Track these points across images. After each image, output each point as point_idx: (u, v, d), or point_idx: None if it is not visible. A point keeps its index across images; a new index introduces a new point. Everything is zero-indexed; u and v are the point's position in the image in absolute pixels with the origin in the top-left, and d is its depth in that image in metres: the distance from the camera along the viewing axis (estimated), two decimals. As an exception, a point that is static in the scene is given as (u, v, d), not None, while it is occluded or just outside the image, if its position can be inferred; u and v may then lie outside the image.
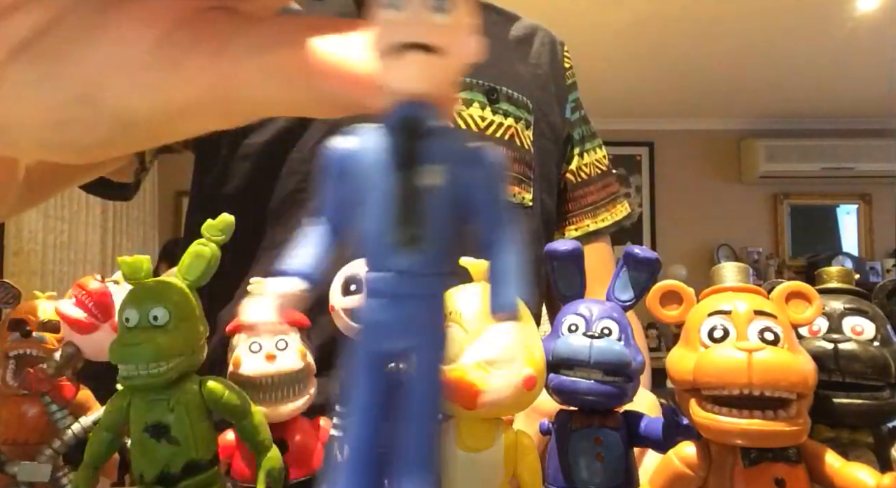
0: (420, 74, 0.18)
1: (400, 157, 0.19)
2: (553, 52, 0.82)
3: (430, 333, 0.20)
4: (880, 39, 2.87)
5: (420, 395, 0.20)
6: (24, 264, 2.64)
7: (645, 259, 0.37)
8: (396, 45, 0.17)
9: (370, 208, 0.19)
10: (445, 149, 0.19)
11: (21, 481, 0.41)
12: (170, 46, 0.19)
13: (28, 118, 0.20)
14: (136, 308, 0.36)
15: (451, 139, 0.19)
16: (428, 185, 0.19)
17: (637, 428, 0.37)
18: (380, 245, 0.19)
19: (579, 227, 0.81)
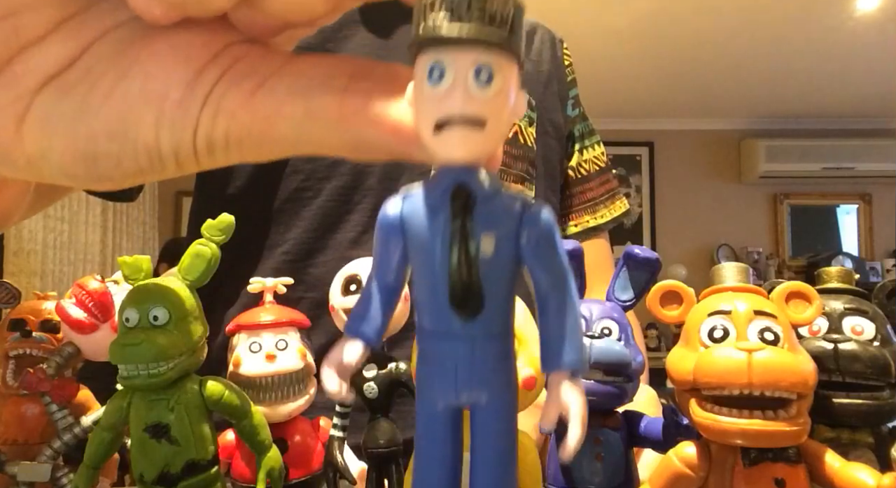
0: (465, 147, 0.18)
1: (452, 229, 0.19)
2: (553, 49, 0.83)
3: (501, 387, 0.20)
4: (880, 39, 2.87)
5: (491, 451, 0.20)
6: (24, 264, 2.64)
7: (645, 259, 0.37)
8: (440, 120, 0.17)
9: (424, 275, 0.20)
10: (496, 215, 0.19)
11: (21, 481, 0.41)
12: (204, 83, 0.19)
13: (55, 150, 0.19)
14: (136, 308, 0.36)
15: (500, 203, 0.19)
16: (482, 254, 0.19)
17: (637, 428, 0.37)
18: (436, 311, 0.19)
19: (579, 223, 0.82)
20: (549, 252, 0.20)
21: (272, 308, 0.42)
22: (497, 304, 0.19)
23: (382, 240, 0.20)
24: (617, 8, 2.60)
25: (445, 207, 0.19)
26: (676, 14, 2.69)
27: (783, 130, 3.88)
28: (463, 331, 0.19)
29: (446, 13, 0.17)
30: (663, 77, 3.34)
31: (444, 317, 0.19)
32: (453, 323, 0.19)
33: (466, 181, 0.19)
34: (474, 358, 0.19)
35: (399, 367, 0.38)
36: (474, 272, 0.19)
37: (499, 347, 0.20)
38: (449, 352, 0.20)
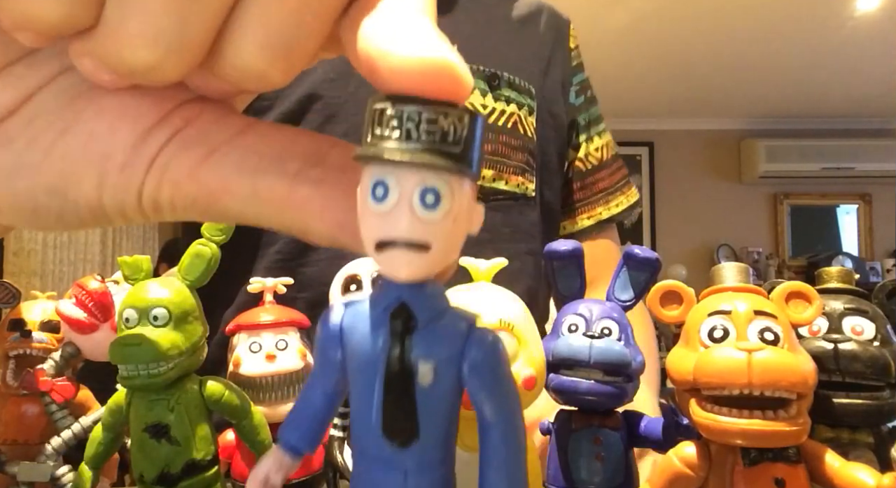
0: (408, 269, 0.17)
1: (390, 354, 0.18)
2: (558, 31, 0.80)
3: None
4: (880, 39, 2.87)
5: None
6: (24, 264, 2.64)
7: (645, 259, 0.37)
8: (382, 240, 0.16)
9: (360, 396, 0.18)
10: (438, 338, 0.18)
11: (21, 481, 0.41)
12: (151, 147, 0.18)
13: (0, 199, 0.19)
14: (136, 308, 0.36)
15: (444, 325, 0.18)
16: (420, 384, 0.18)
17: (637, 428, 0.37)
18: (369, 435, 0.18)
19: (592, 216, 0.79)
20: (494, 378, 0.18)
21: (272, 308, 0.43)
22: (435, 433, 0.18)
23: (322, 348, 0.19)
24: (617, 8, 2.60)
25: (385, 326, 0.18)
26: (676, 14, 2.69)
27: (783, 130, 3.88)
28: (396, 460, 0.18)
29: (393, 130, 0.16)
30: (663, 77, 3.34)
31: (377, 441, 0.18)
32: (386, 449, 0.18)
33: (408, 300, 0.18)
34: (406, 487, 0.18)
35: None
36: (409, 399, 0.18)
37: (436, 477, 0.19)
38: (380, 482, 0.18)
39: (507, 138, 0.70)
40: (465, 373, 0.18)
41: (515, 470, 0.19)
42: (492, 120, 0.69)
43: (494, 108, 0.70)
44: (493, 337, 0.18)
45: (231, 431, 0.40)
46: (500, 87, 0.71)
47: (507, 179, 0.70)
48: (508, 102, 0.71)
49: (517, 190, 0.71)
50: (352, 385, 0.19)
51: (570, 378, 0.35)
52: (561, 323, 0.37)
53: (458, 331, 0.18)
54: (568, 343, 0.35)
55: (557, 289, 0.38)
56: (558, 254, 0.38)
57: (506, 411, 0.19)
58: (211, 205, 0.18)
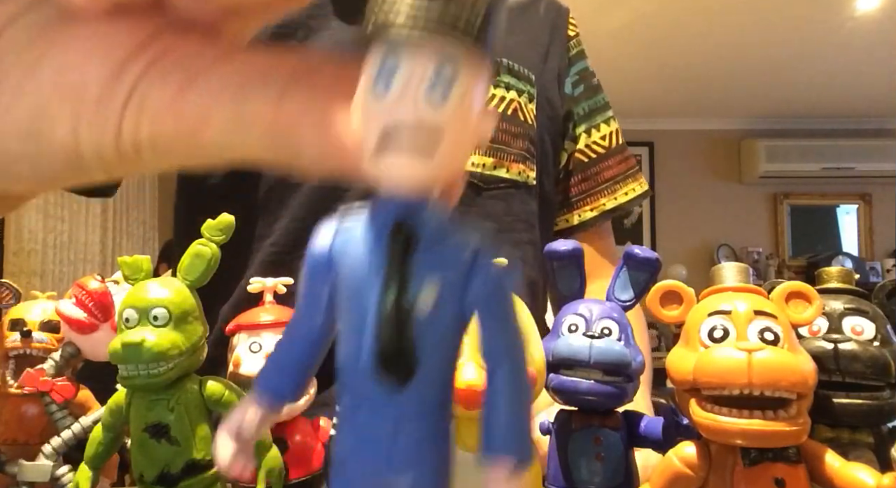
0: (412, 168, 0.15)
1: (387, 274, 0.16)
2: (557, 19, 0.78)
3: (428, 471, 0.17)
4: (880, 39, 2.87)
5: None
6: (24, 264, 2.64)
7: (645, 259, 0.37)
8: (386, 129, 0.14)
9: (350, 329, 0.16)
10: (441, 262, 0.16)
11: (21, 481, 0.41)
12: (128, 78, 0.16)
13: None
14: (136, 308, 0.36)
15: (448, 247, 0.16)
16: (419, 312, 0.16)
17: (637, 428, 0.37)
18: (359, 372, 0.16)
19: (595, 207, 0.76)
20: (500, 312, 0.16)
21: (272, 308, 0.42)
22: (432, 372, 0.16)
23: (309, 276, 0.17)
24: (617, 8, 2.60)
25: (382, 247, 0.16)
26: (676, 14, 2.69)
27: (783, 130, 3.88)
28: (388, 403, 0.16)
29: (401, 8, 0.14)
30: (663, 77, 3.34)
31: (368, 383, 0.16)
32: (377, 392, 0.16)
33: (410, 218, 0.16)
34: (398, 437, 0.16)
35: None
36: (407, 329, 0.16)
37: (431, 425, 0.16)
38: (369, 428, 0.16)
39: (508, 125, 0.69)
40: (470, 301, 0.16)
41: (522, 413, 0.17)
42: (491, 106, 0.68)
43: (494, 94, 0.69)
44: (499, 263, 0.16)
45: (231, 431, 0.40)
46: (500, 74, 0.69)
47: (509, 167, 0.69)
48: (508, 89, 0.70)
49: (518, 178, 0.70)
50: (342, 317, 0.17)
51: (570, 378, 0.35)
52: (561, 323, 0.37)
53: (462, 257, 0.16)
54: (568, 343, 0.35)
55: (557, 289, 0.38)
56: (558, 254, 0.38)
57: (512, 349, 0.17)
58: (194, 140, 0.16)
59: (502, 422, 0.17)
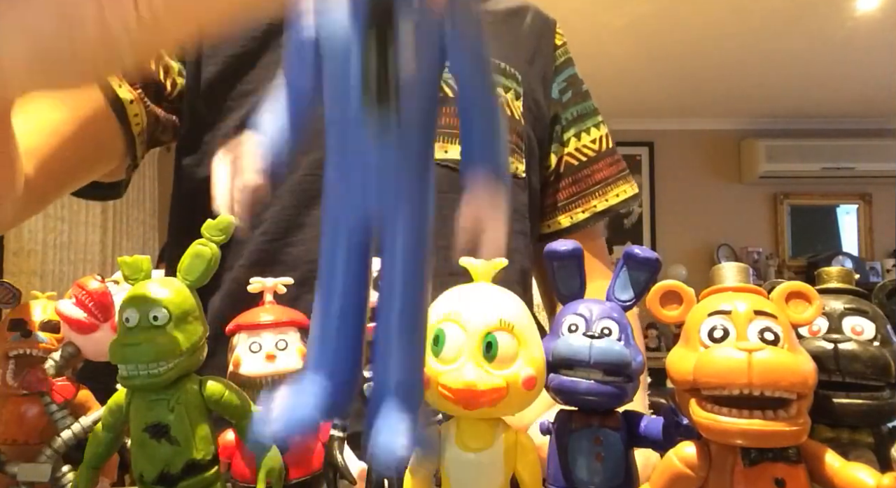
0: None
1: (370, 13, 0.17)
2: (544, 28, 0.79)
3: (412, 206, 0.17)
4: (880, 39, 2.87)
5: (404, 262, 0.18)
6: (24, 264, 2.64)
7: (645, 259, 0.37)
8: None
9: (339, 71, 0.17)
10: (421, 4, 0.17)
11: (21, 481, 0.41)
12: None
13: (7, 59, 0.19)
14: (136, 308, 0.36)
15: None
16: (402, 46, 0.16)
17: (637, 428, 0.37)
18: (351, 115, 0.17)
19: (587, 209, 0.77)
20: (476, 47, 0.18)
21: (272, 308, 0.42)
22: (416, 109, 0.17)
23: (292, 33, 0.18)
24: (617, 8, 2.60)
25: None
26: (676, 14, 2.69)
27: (783, 130, 3.88)
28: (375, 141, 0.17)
29: None
30: (663, 77, 3.34)
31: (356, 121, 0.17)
32: (365, 129, 0.17)
33: None
34: (385, 171, 0.17)
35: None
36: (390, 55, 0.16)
37: (415, 160, 0.17)
38: (359, 165, 0.17)
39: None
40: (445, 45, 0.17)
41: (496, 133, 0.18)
42: None
43: None
44: (475, 9, 0.18)
45: (231, 431, 0.40)
46: None
47: None
48: None
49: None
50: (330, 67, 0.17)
51: (570, 378, 0.35)
52: (561, 323, 0.37)
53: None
54: (568, 343, 0.35)
55: (557, 288, 0.38)
56: (558, 254, 0.38)
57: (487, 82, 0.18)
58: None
59: (478, 138, 0.18)
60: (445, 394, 0.32)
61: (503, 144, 0.18)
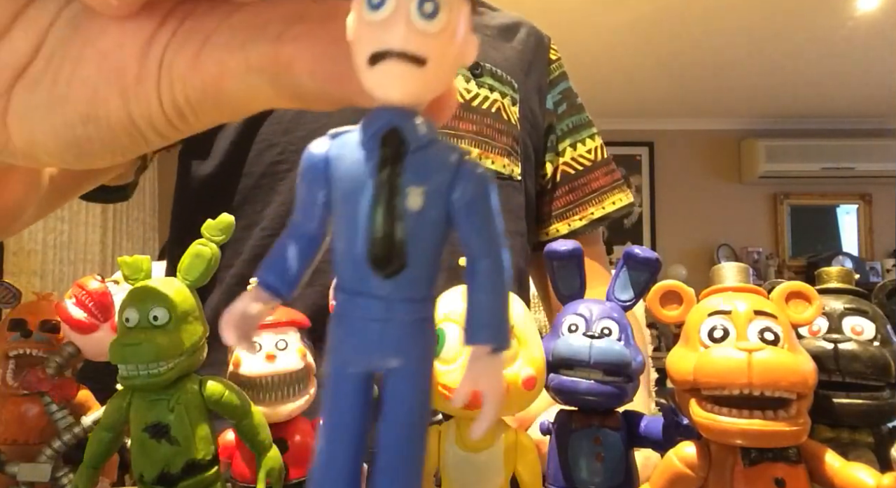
0: (401, 85, 0.16)
1: (379, 178, 0.17)
2: (538, 43, 0.81)
3: (416, 355, 0.18)
4: (880, 39, 2.87)
5: (401, 420, 0.18)
6: (24, 264, 2.64)
7: (645, 259, 0.37)
8: (376, 52, 0.16)
9: (345, 226, 0.18)
10: (429, 166, 0.17)
11: (21, 481, 0.41)
12: (156, 52, 0.19)
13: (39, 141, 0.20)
14: (136, 308, 0.36)
15: (435, 153, 0.18)
16: (409, 208, 0.17)
17: (637, 428, 0.37)
18: (354, 267, 0.18)
19: (584, 216, 0.78)
20: (483, 212, 0.18)
21: (272, 308, 0.42)
22: (421, 266, 0.18)
23: (306, 182, 0.19)
24: (617, 7, 2.60)
25: (375, 153, 0.17)
26: (676, 14, 2.69)
27: (783, 130, 3.88)
28: (380, 291, 0.18)
29: None
30: (663, 77, 3.34)
31: (362, 273, 0.17)
32: (371, 281, 0.17)
33: (400, 126, 0.17)
34: (389, 320, 0.18)
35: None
36: (398, 226, 0.17)
37: (418, 312, 0.18)
38: (363, 312, 0.18)
39: (492, 121, 0.71)
40: (454, 204, 0.18)
41: (500, 303, 0.18)
42: (475, 103, 0.71)
43: (478, 93, 0.71)
44: (483, 171, 0.18)
45: (231, 431, 0.40)
46: (483, 75, 0.72)
47: (494, 159, 0.71)
48: (491, 90, 0.72)
49: (503, 170, 0.72)
50: (337, 218, 0.18)
51: (570, 378, 0.35)
52: (561, 323, 0.37)
53: (449, 161, 0.18)
54: (568, 343, 0.35)
55: (558, 288, 0.38)
56: (558, 254, 0.38)
57: (493, 244, 0.18)
58: (219, 91, 0.19)
59: (482, 309, 0.18)
60: (445, 394, 0.32)
61: (507, 314, 0.19)
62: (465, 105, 0.70)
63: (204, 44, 0.18)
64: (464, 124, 0.70)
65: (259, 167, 0.66)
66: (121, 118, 0.19)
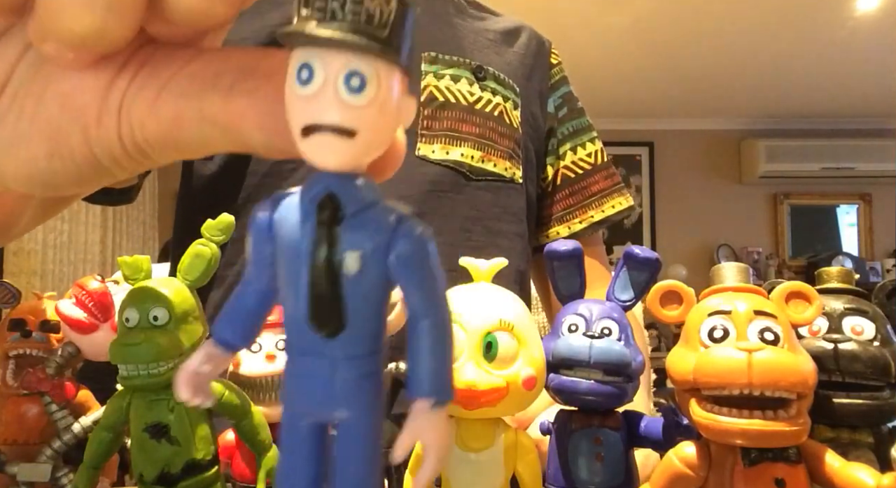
0: (333, 155, 0.17)
1: (315, 242, 0.18)
2: (540, 47, 0.82)
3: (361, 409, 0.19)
4: (880, 39, 2.87)
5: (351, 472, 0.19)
6: (24, 264, 2.64)
7: (645, 259, 0.37)
8: (306, 125, 0.16)
9: (289, 287, 0.18)
10: (366, 228, 0.18)
11: (21, 481, 0.41)
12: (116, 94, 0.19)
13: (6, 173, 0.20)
14: (136, 308, 0.36)
15: (372, 215, 0.18)
16: (346, 272, 0.18)
17: (637, 428, 0.37)
18: (298, 327, 0.18)
19: (584, 219, 0.79)
20: (422, 270, 0.18)
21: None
22: (362, 324, 0.18)
23: (254, 241, 0.19)
24: (617, 8, 2.60)
25: (312, 217, 0.18)
26: (676, 14, 2.69)
27: (783, 130, 3.88)
28: (323, 350, 0.18)
29: (320, 10, 0.16)
30: (663, 77, 3.34)
31: (306, 333, 0.18)
32: (314, 340, 0.18)
33: (336, 190, 0.18)
34: (334, 377, 0.18)
35: (399, 367, 0.38)
36: (335, 289, 0.17)
37: (363, 368, 0.19)
38: (310, 370, 0.18)
39: (494, 124, 0.72)
40: (392, 265, 0.18)
41: (443, 358, 0.19)
42: (479, 107, 0.72)
43: (482, 96, 0.72)
44: (423, 230, 0.18)
45: (231, 431, 0.40)
46: (486, 79, 0.73)
47: (496, 162, 0.72)
48: (494, 94, 0.73)
49: (505, 173, 0.73)
50: (281, 277, 0.19)
51: (570, 378, 0.35)
52: (561, 323, 0.37)
53: (387, 222, 0.18)
54: (568, 343, 0.35)
55: (558, 288, 0.38)
56: (558, 254, 0.38)
57: (434, 303, 0.19)
58: (176, 137, 0.19)
59: (424, 368, 0.19)
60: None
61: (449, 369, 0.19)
62: (469, 108, 0.71)
63: (160, 91, 0.19)
64: (467, 127, 0.70)
65: (263, 166, 0.66)
66: (84, 155, 0.20)
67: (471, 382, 0.32)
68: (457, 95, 0.71)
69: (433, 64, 0.71)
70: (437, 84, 0.70)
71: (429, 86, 0.70)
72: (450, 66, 0.71)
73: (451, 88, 0.71)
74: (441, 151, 0.69)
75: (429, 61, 0.71)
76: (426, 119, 0.69)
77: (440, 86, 0.70)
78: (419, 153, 0.68)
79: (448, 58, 0.72)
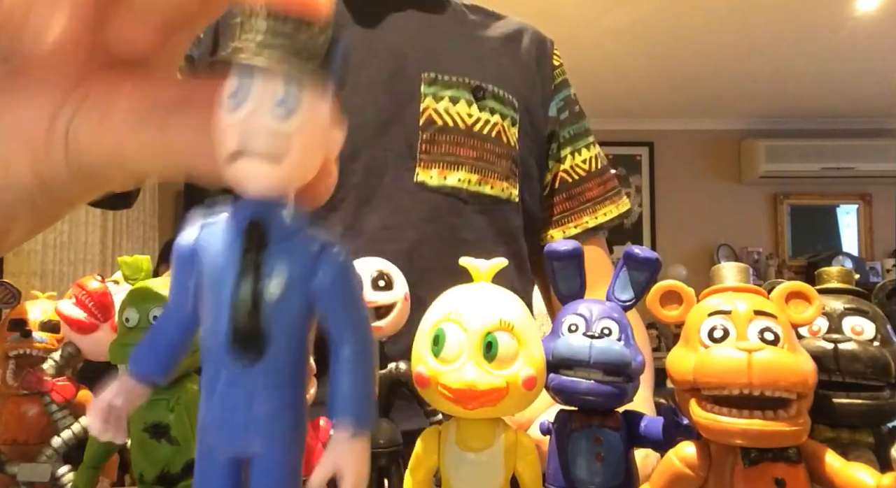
0: (258, 181, 0.17)
1: (240, 268, 0.18)
2: (541, 49, 0.82)
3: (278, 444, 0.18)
4: (880, 39, 2.87)
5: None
6: (24, 264, 2.64)
7: (645, 259, 0.37)
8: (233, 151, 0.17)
9: (211, 314, 0.18)
10: (290, 255, 0.18)
11: (21, 481, 0.41)
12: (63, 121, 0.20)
13: None
14: (136, 308, 0.36)
15: (297, 243, 0.18)
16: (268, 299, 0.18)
17: (637, 428, 0.37)
18: (216, 355, 0.18)
19: (579, 224, 0.81)
20: (345, 295, 0.18)
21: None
22: (284, 352, 0.18)
23: (176, 270, 0.19)
24: (617, 8, 2.60)
25: (238, 244, 0.18)
26: (676, 14, 2.69)
27: (783, 130, 3.88)
28: (243, 379, 0.18)
29: (254, 37, 0.16)
30: (663, 77, 3.34)
31: (225, 361, 0.18)
32: (233, 368, 0.18)
33: (262, 217, 0.18)
34: (251, 407, 0.18)
35: (399, 367, 0.38)
36: (256, 314, 0.17)
37: (282, 399, 0.18)
38: (227, 399, 0.18)
39: (492, 146, 0.73)
40: (314, 292, 0.18)
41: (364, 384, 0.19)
42: (477, 128, 0.73)
43: (480, 117, 0.73)
44: (345, 258, 0.18)
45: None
46: (485, 98, 0.74)
47: (493, 184, 0.73)
48: (493, 113, 0.74)
49: (502, 194, 0.74)
50: (204, 303, 0.19)
51: (570, 378, 0.35)
52: (561, 323, 0.37)
53: (310, 250, 0.18)
54: (568, 343, 0.35)
55: (558, 288, 0.38)
56: (558, 254, 0.38)
57: (356, 330, 0.19)
58: (120, 164, 0.20)
59: (345, 393, 0.18)
60: (445, 394, 0.32)
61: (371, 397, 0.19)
62: (467, 131, 0.71)
63: (102, 122, 0.19)
64: (464, 151, 0.71)
65: None
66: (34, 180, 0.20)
67: (471, 382, 0.32)
68: (455, 119, 0.71)
69: (432, 85, 0.71)
70: (435, 107, 0.71)
71: (428, 108, 0.70)
72: (449, 87, 0.72)
73: (449, 111, 0.71)
74: (439, 176, 0.70)
75: (427, 83, 0.71)
76: (425, 143, 0.70)
77: (439, 109, 0.71)
78: (418, 179, 0.69)
79: (447, 78, 0.72)
